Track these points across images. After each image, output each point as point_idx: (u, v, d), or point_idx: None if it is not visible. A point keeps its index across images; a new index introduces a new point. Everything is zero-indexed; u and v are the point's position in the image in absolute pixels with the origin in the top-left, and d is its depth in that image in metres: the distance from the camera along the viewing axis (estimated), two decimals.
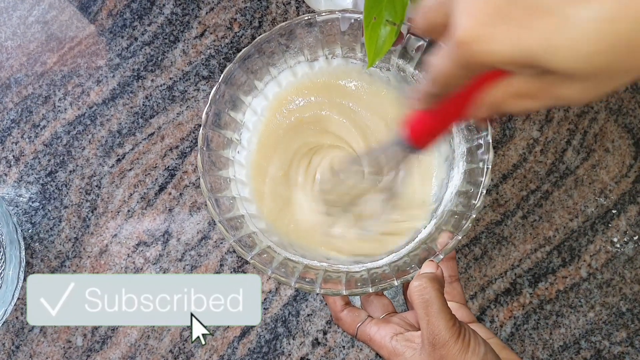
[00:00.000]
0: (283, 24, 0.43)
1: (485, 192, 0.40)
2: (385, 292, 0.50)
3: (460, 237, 0.40)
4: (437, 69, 0.25)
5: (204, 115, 0.43)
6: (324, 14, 0.43)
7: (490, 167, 0.40)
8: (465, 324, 0.35)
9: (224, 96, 0.44)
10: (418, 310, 0.35)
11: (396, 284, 0.39)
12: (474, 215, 0.40)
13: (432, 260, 0.39)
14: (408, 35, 0.44)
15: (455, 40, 0.23)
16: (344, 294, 0.39)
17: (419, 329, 0.36)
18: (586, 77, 0.22)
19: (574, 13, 0.20)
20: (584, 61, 0.20)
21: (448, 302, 0.44)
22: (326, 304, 0.52)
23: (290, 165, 0.47)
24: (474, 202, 0.40)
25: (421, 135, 0.33)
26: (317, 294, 0.44)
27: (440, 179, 0.47)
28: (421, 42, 0.43)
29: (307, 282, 0.40)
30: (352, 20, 0.44)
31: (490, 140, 0.41)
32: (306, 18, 0.43)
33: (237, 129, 0.46)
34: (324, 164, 0.48)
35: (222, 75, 0.43)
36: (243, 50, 0.43)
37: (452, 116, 0.31)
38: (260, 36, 0.44)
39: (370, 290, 0.39)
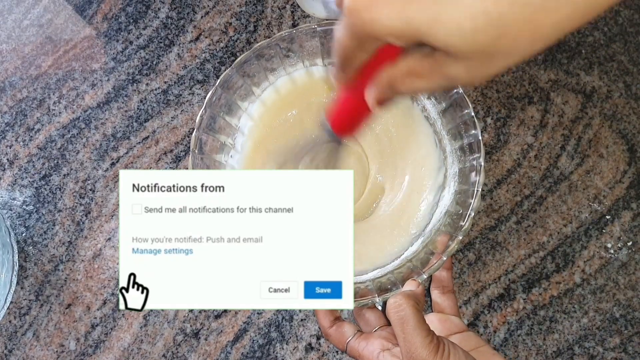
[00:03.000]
0: (284, 32, 0.44)
1: (473, 214, 0.40)
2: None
3: (445, 258, 0.40)
4: (336, 40, 0.26)
5: (198, 118, 0.43)
6: (324, 24, 0.43)
7: (480, 189, 0.41)
8: (444, 338, 0.35)
9: (219, 100, 0.44)
10: (395, 328, 0.35)
11: (377, 300, 0.39)
12: (461, 237, 0.40)
13: (414, 280, 0.39)
14: None
15: (346, 8, 0.23)
16: None
17: None
18: (470, 56, 0.22)
19: None
20: (466, 38, 0.21)
21: (438, 314, 0.44)
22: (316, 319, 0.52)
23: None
24: (462, 223, 0.40)
25: (339, 121, 0.34)
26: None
27: (429, 201, 0.47)
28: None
29: None
30: None
31: (483, 163, 0.41)
32: (307, 27, 0.43)
33: (231, 133, 0.46)
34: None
35: (219, 79, 0.43)
36: (242, 55, 0.43)
37: (359, 100, 0.31)
38: (260, 42, 0.44)
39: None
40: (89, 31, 0.60)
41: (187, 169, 0.56)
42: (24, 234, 0.55)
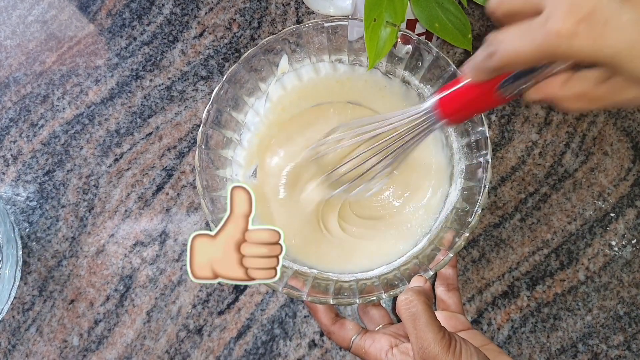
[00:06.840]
0: (292, 27, 0.43)
1: (480, 211, 0.40)
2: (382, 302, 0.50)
3: (451, 255, 0.39)
4: (513, 47, 0.26)
5: (204, 113, 0.43)
6: (332, 20, 0.43)
7: (487, 186, 0.40)
8: (455, 334, 0.35)
9: (226, 94, 0.44)
10: (406, 324, 0.35)
11: (384, 297, 0.39)
12: (468, 234, 0.40)
13: (421, 275, 0.39)
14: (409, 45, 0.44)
15: (548, 30, 0.24)
16: (331, 302, 0.39)
17: None
18: None
19: None
20: None
21: (443, 311, 0.44)
22: (314, 318, 0.51)
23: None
24: (468, 219, 0.40)
25: (458, 108, 0.33)
26: (304, 301, 0.44)
27: (436, 198, 0.46)
28: (431, 56, 0.43)
29: (295, 289, 0.39)
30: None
31: (490, 160, 0.41)
32: (314, 23, 0.43)
33: (237, 129, 0.46)
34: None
35: (226, 74, 0.43)
36: (249, 51, 0.43)
37: (485, 91, 0.31)
38: (268, 37, 0.44)
39: (358, 301, 0.39)
40: (93, 27, 0.60)
41: (190, 164, 0.56)
42: (27, 230, 0.55)
